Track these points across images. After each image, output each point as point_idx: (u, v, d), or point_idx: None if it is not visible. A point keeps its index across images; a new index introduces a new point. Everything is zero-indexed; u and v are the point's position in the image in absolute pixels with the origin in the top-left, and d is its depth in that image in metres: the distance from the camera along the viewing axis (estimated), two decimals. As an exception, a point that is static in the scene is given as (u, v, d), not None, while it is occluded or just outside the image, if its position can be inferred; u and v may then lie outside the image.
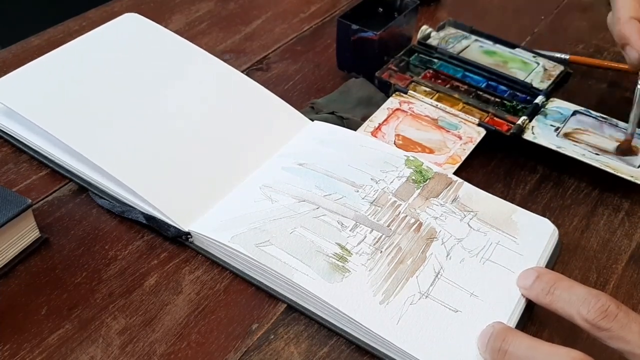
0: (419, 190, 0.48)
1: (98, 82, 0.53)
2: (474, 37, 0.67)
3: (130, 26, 0.60)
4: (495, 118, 0.56)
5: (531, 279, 0.41)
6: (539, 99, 0.58)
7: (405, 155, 0.51)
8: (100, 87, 0.53)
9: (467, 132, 0.55)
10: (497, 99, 0.59)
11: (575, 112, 0.58)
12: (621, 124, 0.58)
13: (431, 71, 0.62)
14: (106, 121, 0.50)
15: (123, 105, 0.52)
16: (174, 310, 0.42)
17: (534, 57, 0.65)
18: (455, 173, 0.51)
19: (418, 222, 0.45)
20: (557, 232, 0.46)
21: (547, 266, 0.44)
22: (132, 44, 0.58)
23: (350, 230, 0.44)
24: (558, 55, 0.67)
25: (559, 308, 0.38)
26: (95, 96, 0.52)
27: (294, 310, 0.42)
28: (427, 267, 0.42)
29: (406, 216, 0.46)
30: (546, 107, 0.58)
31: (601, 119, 0.58)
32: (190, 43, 0.59)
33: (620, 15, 0.50)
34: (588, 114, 0.58)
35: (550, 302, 0.39)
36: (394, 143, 0.53)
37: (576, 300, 0.37)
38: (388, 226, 0.45)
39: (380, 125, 0.55)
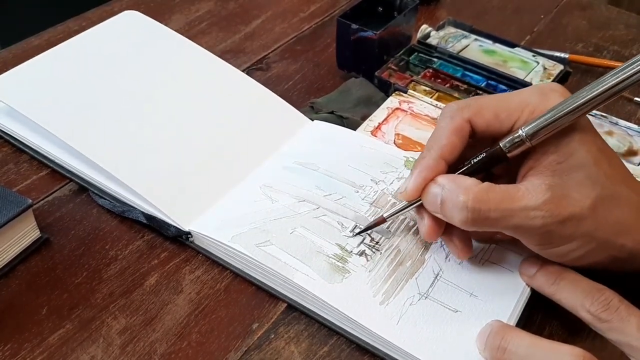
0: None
1: (97, 80, 0.53)
2: (473, 36, 0.67)
3: (130, 23, 0.59)
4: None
5: (535, 267, 0.41)
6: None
7: (405, 156, 0.51)
8: (99, 85, 0.53)
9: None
10: (496, 99, 0.59)
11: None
12: (621, 122, 0.58)
13: (431, 70, 0.62)
14: (105, 120, 0.50)
15: (122, 103, 0.52)
16: (175, 310, 0.42)
17: (534, 56, 0.65)
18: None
19: (417, 225, 0.45)
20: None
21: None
22: (131, 41, 0.58)
23: (350, 231, 0.44)
24: (557, 54, 0.67)
25: (563, 299, 0.39)
26: (94, 94, 0.52)
27: (294, 310, 0.42)
28: (427, 269, 0.42)
29: (405, 218, 0.46)
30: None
31: (600, 117, 0.58)
32: (190, 41, 0.59)
33: (429, 146, 0.41)
34: (588, 113, 0.58)
35: (554, 292, 0.40)
36: (394, 142, 0.53)
37: (580, 293, 0.38)
38: (387, 228, 0.45)
39: (380, 124, 0.55)
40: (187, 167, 0.49)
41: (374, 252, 0.43)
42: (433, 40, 0.66)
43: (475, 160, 0.40)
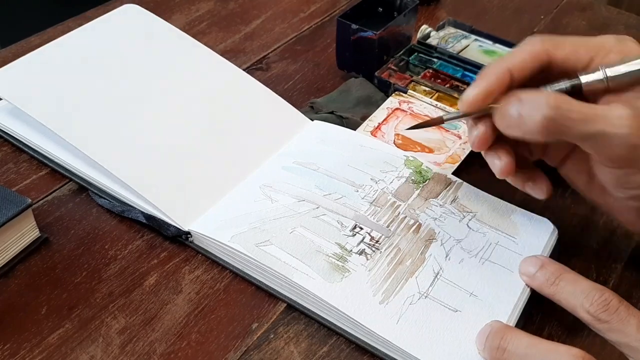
0: (418, 191, 0.48)
1: (96, 75, 0.53)
2: (473, 36, 0.67)
3: (130, 17, 0.59)
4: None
5: (535, 267, 0.41)
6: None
7: (405, 156, 0.51)
8: (98, 81, 0.52)
9: (466, 132, 0.55)
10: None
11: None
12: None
13: (431, 70, 0.62)
14: (104, 117, 0.50)
15: (122, 100, 0.52)
16: (174, 310, 0.42)
17: (534, 56, 0.65)
18: (455, 172, 0.51)
19: (417, 223, 0.45)
20: (556, 231, 0.46)
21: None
22: (132, 35, 0.57)
23: (349, 230, 0.44)
24: (558, 54, 0.67)
25: (562, 299, 0.39)
26: (92, 90, 0.52)
27: (294, 310, 0.42)
28: (427, 268, 0.42)
29: (405, 217, 0.46)
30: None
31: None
32: (191, 37, 0.59)
33: (498, 60, 0.40)
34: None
35: (554, 293, 0.40)
36: (394, 142, 0.53)
37: (580, 293, 0.38)
38: (387, 227, 0.45)
39: (379, 124, 0.55)
40: (186, 167, 0.49)
41: (373, 251, 0.43)
42: (433, 40, 0.66)
43: (551, 87, 0.39)
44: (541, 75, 0.39)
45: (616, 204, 0.42)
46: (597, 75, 0.38)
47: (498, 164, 0.41)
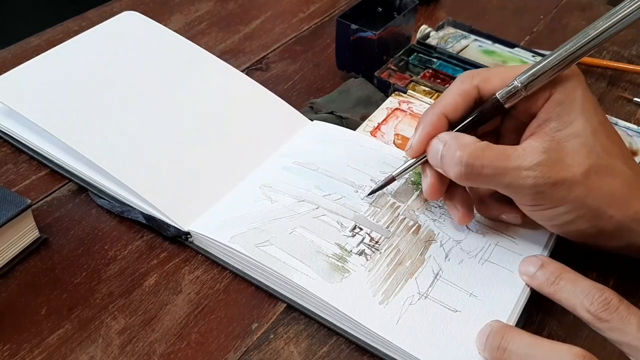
0: (417, 192, 0.48)
1: (96, 80, 0.53)
2: (473, 36, 0.67)
3: (129, 24, 0.59)
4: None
5: (535, 267, 0.42)
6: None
7: (404, 156, 0.51)
8: (99, 86, 0.53)
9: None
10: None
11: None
12: (620, 122, 0.58)
13: (430, 71, 0.62)
14: (104, 120, 0.50)
15: (122, 104, 0.52)
16: (174, 310, 0.42)
17: (533, 56, 0.65)
18: (455, 173, 0.51)
19: (417, 224, 0.45)
20: (556, 231, 0.46)
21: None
22: (131, 41, 0.58)
23: (349, 231, 0.44)
24: (557, 54, 0.67)
25: (563, 299, 0.39)
26: (93, 95, 0.52)
27: (294, 310, 0.42)
28: (426, 269, 0.42)
29: (405, 218, 0.46)
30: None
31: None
32: (190, 42, 0.59)
33: (434, 104, 0.43)
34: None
35: (554, 292, 0.40)
36: (393, 143, 0.53)
37: (580, 292, 0.38)
38: (387, 228, 0.45)
39: (379, 124, 0.55)
40: (186, 167, 0.49)
41: (373, 252, 0.43)
42: (432, 40, 0.66)
43: (475, 113, 0.42)
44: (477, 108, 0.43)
45: None
46: (513, 88, 0.40)
47: (456, 214, 0.44)
